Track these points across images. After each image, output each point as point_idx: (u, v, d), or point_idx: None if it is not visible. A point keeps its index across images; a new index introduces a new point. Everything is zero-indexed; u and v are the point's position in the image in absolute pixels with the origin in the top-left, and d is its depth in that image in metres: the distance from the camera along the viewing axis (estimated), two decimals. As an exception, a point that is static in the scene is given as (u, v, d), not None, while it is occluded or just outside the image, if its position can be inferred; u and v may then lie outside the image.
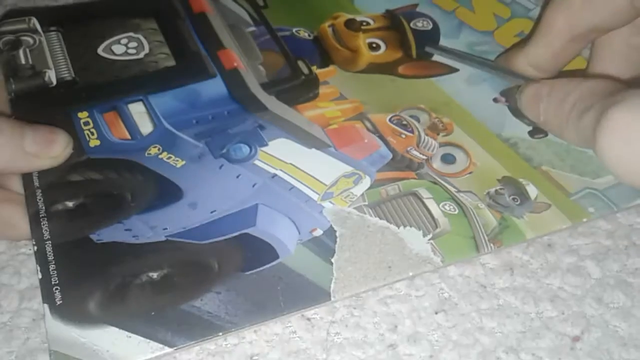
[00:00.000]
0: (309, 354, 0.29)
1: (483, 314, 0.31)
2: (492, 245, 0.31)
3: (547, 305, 0.31)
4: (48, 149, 0.31)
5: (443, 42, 0.40)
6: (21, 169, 0.31)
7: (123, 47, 0.38)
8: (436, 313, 0.30)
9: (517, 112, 0.36)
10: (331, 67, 0.39)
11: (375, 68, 0.39)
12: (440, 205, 0.32)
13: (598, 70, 0.34)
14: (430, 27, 0.41)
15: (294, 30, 0.40)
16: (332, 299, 0.29)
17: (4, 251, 0.32)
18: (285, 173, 0.33)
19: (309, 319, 0.30)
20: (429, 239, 0.31)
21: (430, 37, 0.41)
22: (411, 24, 0.41)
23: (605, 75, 0.34)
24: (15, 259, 0.32)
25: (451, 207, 0.32)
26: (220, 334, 0.27)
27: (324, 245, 0.30)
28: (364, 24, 0.41)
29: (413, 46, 0.40)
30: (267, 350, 0.29)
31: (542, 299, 0.31)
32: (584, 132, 0.27)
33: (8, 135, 0.30)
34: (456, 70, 0.39)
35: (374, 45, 0.40)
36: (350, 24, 0.41)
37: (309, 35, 0.40)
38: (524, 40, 0.35)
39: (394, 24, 0.41)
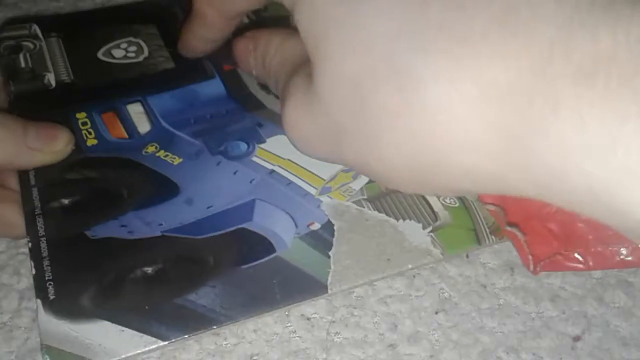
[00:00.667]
0: (308, 354, 0.28)
1: (483, 314, 0.30)
2: (493, 237, 0.30)
3: (547, 305, 0.30)
4: (50, 144, 0.31)
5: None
6: (24, 164, 0.31)
7: (123, 51, 0.38)
8: (436, 313, 0.30)
9: None
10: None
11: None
12: (441, 198, 0.32)
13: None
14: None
15: (293, 31, 0.40)
16: (330, 291, 0.28)
17: (4, 251, 0.32)
18: (283, 169, 0.32)
19: (309, 319, 0.29)
20: (429, 232, 0.30)
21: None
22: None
23: None
24: (15, 258, 0.32)
25: (451, 199, 0.32)
26: (215, 327, 0.27)
27: (321, 239, 0.30)
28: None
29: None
30: (267, 350, 0.28)
31: (542, 299, 0.31)
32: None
33: (11, 130, 0.30)
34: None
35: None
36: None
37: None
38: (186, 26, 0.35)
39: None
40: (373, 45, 0.20)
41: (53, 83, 0.36)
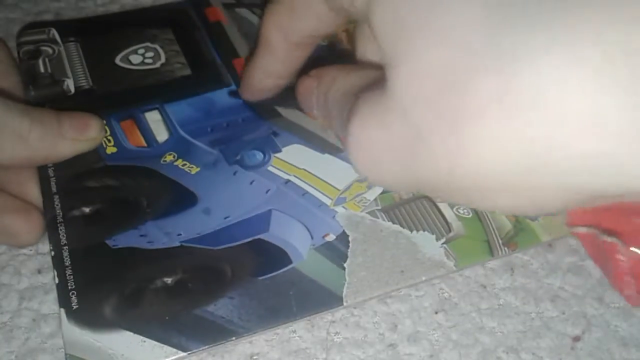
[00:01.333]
0: (309, 354, 0.29)
1: (483, 314, 0.30)
2: (506, 248, 0.31)
3: (547, 305, 0.31)
4: (85, 132, 0.33)
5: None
6: (64, 154, 0.32)
7: (140, 57, 0.39)
8: (436, 313, 0.30)
9: None
10: (345, 73, 0.39)
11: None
12: (454, 209, 0.32)
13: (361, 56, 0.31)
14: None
15: (308, 37, 0.41)
16: (345, 303, 0.29)
17: (4, 251, 0.32)
18: (299, 179, 0.33)
19: (309, 319, 0.30)
20: (443, 243, 0.31)
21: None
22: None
23: (369, 61, 0.30)
24: (16, 259, 0.32)
25: (465, 210, 0.32)
26: (234, 338, 0.27)
27: (336, 250, 0.30)
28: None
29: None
30: (267, 350, 0.29)
31: (542, 299, 0.31)
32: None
33: (47, 125, 0.31)
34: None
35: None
36: (365, 30, 0.41)
37: (323, 41, 0.41)
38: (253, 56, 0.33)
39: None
40: (462, 28, 0.18)
41: (72, 89, 0.36)
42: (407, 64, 0.20)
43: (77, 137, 0.32)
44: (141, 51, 0.39)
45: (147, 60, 0.39)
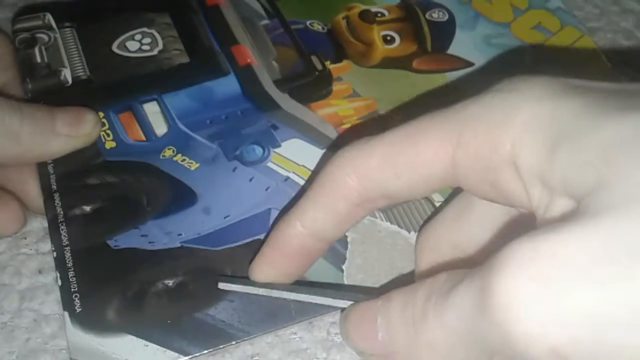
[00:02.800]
0: (309, 354, 0.29)
1: None
2: (502, 250, 0.31)
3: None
4: (80, 128, 0.32)
5: (459, 34, 0.40)
6: (57, 151, 0.32)
7: (137, 43, 0.38)
8: None
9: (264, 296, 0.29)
10: (345, 63, 0.38)
11: (390, 62, 0.39)
12: (452, 209, 0.32)
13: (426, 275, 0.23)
14: (446, 18, 0.41)
15: (307, 23, 0.40)
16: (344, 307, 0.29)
17: (4, 251, 0.32)
18: (298, 175, 0.33)
19: (309, 320, 0.30)
20: (440, 245, 0.31)
21: (445, 29, 0.40)
22: (427, 15, 0.41)
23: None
24: (16, 259, 0.32)
25: (463, 210, 0.32)
26: (234, 342, 0.28)
27: (335, 252, 0.31)
28: (379, 15, 0.41)
29: (428, 39, 0.40)
30: (267, 350, 0.29)
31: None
32: (459, 316, 0.19)
33: (40, 121, 0.31)
34: (472, 64, 0.38)
35: (389, 38, 0.40)
36: (365, 16, 0.41)
37: (323, 28, 0.40)
38: (299, 203, 0.27)
39: (409, 15, 0.41)
40: None
41: (69, 80, 0.36)
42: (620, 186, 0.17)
43: (70, 133, 0.32)
44: (138, 37, 0.39)
45: (144, 47, 0.38)
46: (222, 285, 0.28)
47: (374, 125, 0.26)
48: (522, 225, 0.24)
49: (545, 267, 0.17)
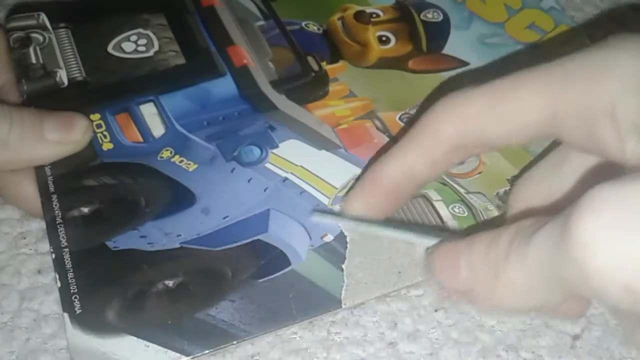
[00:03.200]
0: (309, 353, 0.30)
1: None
2: (500, 248, 0.31)
3: (547, 304, 0.31)
4: (69, 134, 0.32)
5: (453, 34, 0.40)
6: (45, 158, 0.32)
7: (133, 44, 0.38)
8: (436, 311, 0.31)
9: (352, 230, 0.32)
10: (341, 63, 0.38)
11: (385, 63, 0.39)
12: (450, 208, 0.33)
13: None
14: (440, 18, 0.41)
15: (303, 24, 0.40)
16: (343, 305, 0.29)
17: (4, 251, 0.32)
18: (296, 176, 0.33)
19: (309, 320, 0.30)
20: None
21: (440, 29, 0.40)
22: (421, 15, 0.41)
23: None
24: (16, 258, 0.32)
25: (460, 209, 0.33)
26: (235, 342, 0.28)
27: (334, 251, 0.31)
28: (374, 16, 0.41)
29: (423, 39, 0.40)
30: (267, 350, 0.30)
31: (542, 297, 0.32)
32: (540, 256, 0.20)
33: (28, 127, 0.31)
34: (467, 64, 0.39)
35: (384, 38, 0.40)
36: (360, 17, 0.41)
37: (319, 29, 0.40)
38: (398, 143, 0.28)
39: (403, 15, 0.41)
40: None
41: (65, 81, 0.36)
42: None
43: (60, 139, 0.32)
44: (134, 38, 0.39)
45: (140, 48, 0.38)
46: (314, 217, 0.31)
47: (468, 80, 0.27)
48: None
49: (626, 209, 0.17)
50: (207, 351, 0.28)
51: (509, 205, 0.29)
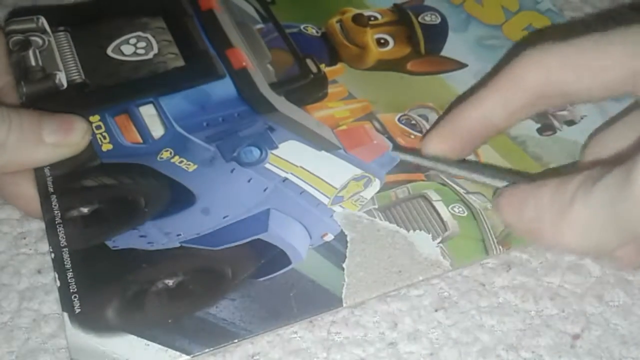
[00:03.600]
0: (309, 353, 0.29)
1: (483, 312, 0.31)
2: (501, 247, 0.31)
3: (547, 303, 0.31)
4: (68, 137, 0.32)
5: (451, 36, 0.40)
6: (43, 161, 0.32)
7: (132, 47, 0.38)
8: (436, 311, 0.31)
9: (430, 168, 0.34)
10: (339, 65, 0.39)
11: (384, 65, 0.39)
12: (450, 208, 0.33)
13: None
14: (438, 21, 0.41)
15: (301, 26, 0.40)
16: (344, 304, 0.29)
17: (4, 251, 0.32)
18: (296, 176, 0.33)
19: (309, 320, 0.30)
20: (439, 243, 0.31)
21: (438, 32, 0.41)
22: (419, 18, 0.41)
23: None
24: (15, 259, 0.32)
25: (460, 209, 0.33)
26: (236, 340, 0.28)
27: (335, 250, 0.31)
28: (372, 18, 0.41)
29: (422, 41, 0.40)
30: (267, 350, 0.29)
31: (542, 297, 0.32)
32: (604, 198, 0.23)
33: (27, 130, 0.30)
34: (465, 65, 0.39)
35: (382, 41, 0.40)
36: (358, 19, 0.41)
37: (317, 32, 0.40)
38: (477, 89, 0.31)
39: (401, 18, 0.41)
40: None
41: (64, 83, 0.36)
42: None
43: (58, 142, 0.31)
44: (133, 41, 0.39)
45: (139, 51, 0.38)
46: (393, 154, 0.33)
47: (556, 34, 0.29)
48: None
49: None
50: (207, 350, 0.28)
51: (582, 158, 0.31)
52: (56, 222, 0.31)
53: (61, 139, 0.32)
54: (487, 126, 0.30)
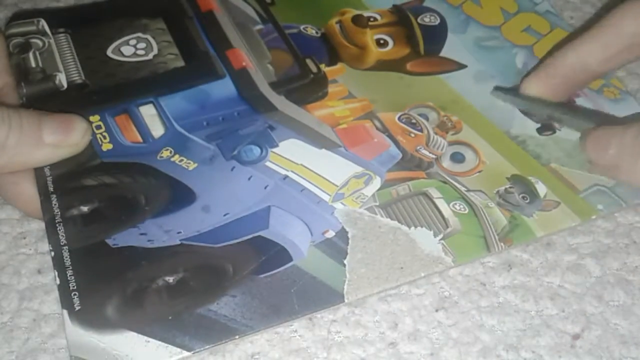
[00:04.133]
0: (309, 353, 0.29)
1: (483, 312, 0.31)
2: (502, 244, 0.31)
3: (547, 303, 0.31)
4: (67, 137, 0.32)
5: (450, 37, 0.40)
6: (43, 161, 0.32)
7: (132, 48, 0.38)
8: (436, 311, 0.31)
9: (525, 110, 0.36)
10: (339, 65, 0.39)
11: (384, 65, 0.39)
12: (451, 205, 0.32)
13: None
14: (437, 22, 0.41)
15: (301, 27, 0.40)
16: (346, 300, 0.29)
17: (4, 251, 0.32)
18: (296, 174, 0.33)
19: (310, 318, 0.30)
20: (440, 239, 0.31)
21: (437, 33, 0.41)
22: (418, 19, 0.41)
23: None
24: (15, 259, 0.32)
25: (461, 206, 0.33)
26: (237, 337, 0.28)
27: (336, 247, 0.31)
28: (371, 19, 0.41)
29: (421, 42, 0.40)
30: (267, 349, 0.29)
31: (542, 297, 0.31)
32: None
33: (26, 131, 0.30)
34: (464, 66, 0.39)
35: (382, 41, 0.40)
36: (358, 20, 0.41)
37: (317, 33, 0.40)
38: (575, 36, 0.34)
39: (401, 19, 0.41)
40: None
41: (65, 84, 0.36)
42: None
43: (58, 142, 0.31)
44: (133, 42, 0.39)
45: (139, 52, 0.38)
46: (495, 93, 0.36)
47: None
48: None
49: None
50: (208, 346, 0.27)
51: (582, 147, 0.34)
52: (56, 221, 0.31)
53: (61, 139, 0.32)
54: (584, 70, 0.33)
